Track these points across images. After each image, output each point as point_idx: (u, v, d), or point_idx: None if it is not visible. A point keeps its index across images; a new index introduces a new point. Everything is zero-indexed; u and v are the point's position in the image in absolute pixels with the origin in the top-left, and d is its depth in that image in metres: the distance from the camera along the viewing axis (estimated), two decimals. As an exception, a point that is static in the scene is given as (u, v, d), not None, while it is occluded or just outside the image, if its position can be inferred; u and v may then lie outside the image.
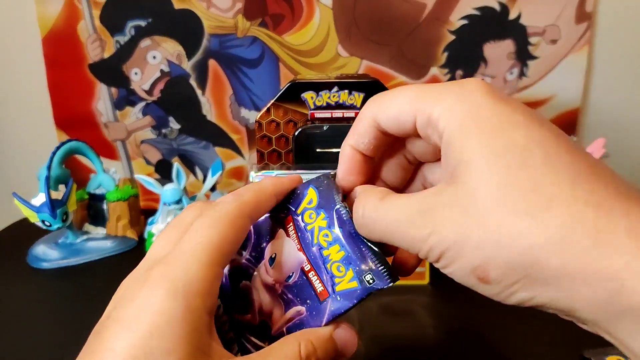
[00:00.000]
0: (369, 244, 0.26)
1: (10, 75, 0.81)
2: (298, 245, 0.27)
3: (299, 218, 0.28)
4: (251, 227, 0.29)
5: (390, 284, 0.25)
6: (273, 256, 0.28)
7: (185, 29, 0.76)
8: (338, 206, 0.27)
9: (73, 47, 0.77)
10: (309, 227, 0.27)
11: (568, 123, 0.77)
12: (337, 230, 0.26)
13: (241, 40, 0.76)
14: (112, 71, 0.78)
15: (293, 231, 0.28)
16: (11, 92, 0.82)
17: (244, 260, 0.29)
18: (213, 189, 0.71)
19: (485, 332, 0.46)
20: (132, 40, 0.77)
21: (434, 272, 0.52)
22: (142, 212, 0.71)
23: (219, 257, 0.24)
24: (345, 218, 0.26)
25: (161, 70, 0.78)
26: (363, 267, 0.26)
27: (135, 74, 0.78)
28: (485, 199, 0.20)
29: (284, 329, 0.27)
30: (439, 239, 0.21)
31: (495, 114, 0.21)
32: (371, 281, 0.25)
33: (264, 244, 0.29)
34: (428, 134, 0.24)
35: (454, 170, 0.21)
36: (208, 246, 0.24)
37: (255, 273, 0.29)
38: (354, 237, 0.26)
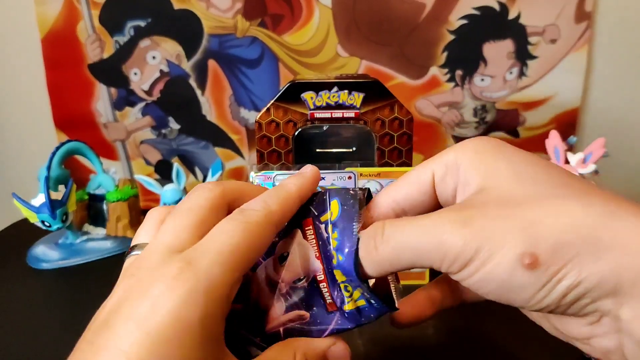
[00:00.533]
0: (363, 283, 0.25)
1: (10, 76, 0.81)
2: (317, 253, 0.26)
3: (322, 227, 0.27)
4: None
5: (395, 308, 0.26)
6: (285, 254, 0.27)
7: (185, 29, 0.76)
8: (353, 238, 0.25)
9: (72, 48, 0.77)
10: (332, 242, 0.26)
11: (568, 123, 0.77)
12: (342, 258, 0.25)
13: (241, 41, 0.76)
14: (111, 71, 0.78)
15: (313, 236, 0.27)
16: (11, 92, 0.82)
17: None
18: (213, 189, 0.71)
19: (485, 333, 0.46)
20: (131, 41, 0.77)
21: (434, 272, 0.52)
22: (142, 212, 0.71)
23: (243, 264, 0.24)
24: (352, 250, 0.25)
25: (161, 71, 0.78)
26: (366, 294, 0.25)
27: (135, 74, 0.78)
28: (524, 192, 0.22)
29: (281, 329, 0.26)
30: (474, 234, 0.21)
31: (498, 143, 0.25)
32: (377, 306, 0.25)
33: (276, 239, 0.28)
34: (446, 181, 0.25)
35: (481, 183, 0.23)
36: (234, 252, 0.23)
37: (261, 266, 0.28)
38: (354, 275, 0.25)
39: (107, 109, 0.80)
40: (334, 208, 0.26)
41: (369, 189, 0.28)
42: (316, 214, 0.27)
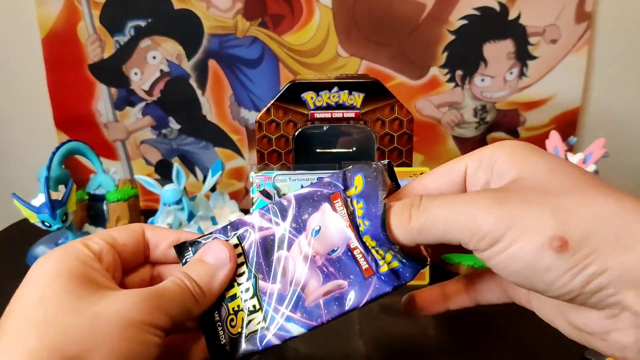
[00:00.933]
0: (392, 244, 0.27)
1: (10, 76, 0.81)
2: (347, 222, 0.28)
3: (349, 200, 0.28)
4: (293, 197, 0.30)
5: (428, 263, 0.27)
6: (317, 228, 0.28)
7: (185, 29, 0.76)
8: (379, 204, 0.27)
9: (73, 48, 0.77)
10: (357, 212, 0.28)
11: (568, 123, 0.77)
12: (369, 224, 0.27)
13: (241, 41, 0.76)
14: (111, 71, 0.78)
15: (342, 208, 0.28)
16: (11, 92, 0.82)
17: (283, 231, 0.29)
18: (213, 189, 0.71)
19: (486, 333, 0.46)
20: (131, 41, 0.77)
21: (434, 272, 0.52)
22: (142, 212, 0.71)
23: None
24: (378, 215, 0.27)
25: (161, 71, 0.78)
26: (397, 251, 0.27)
27: (135, 74, 0.78)
28: (559, 184, 0.22)
29: (321, 301, 0.27)
30: (507, 213, 0.22)
31: (533, 145, 0.26)
32: (409, 264, 0.27)
33: (306, 216, 0.29)
34: (478, 175, 0.26)
35: (517, 174, 0.24)
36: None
37: (295, 243, 0.29)
38: (382, 238, 0.27)
39: (107, 109, 0.80)
40: (358, 182, 0.28)
41: (389, 161, 0.30)
42: (343, 188, 0.29)
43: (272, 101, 0.52)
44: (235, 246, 0.30)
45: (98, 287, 0.25)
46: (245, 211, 0.67)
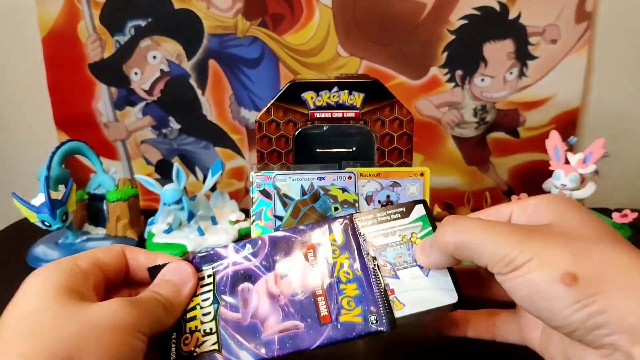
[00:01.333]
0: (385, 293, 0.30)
1: (10, 75, 0.81)
2: (318, 273, 0.30)
3: (325, 250, 0.31)
4: (267, 238, 0.32)
5: (389, 330, 0.29)
6: (287, 272, 0.31)
7: (185, 28, 0.76)
8: (364, 254, 0.31)
9: (73, 47, 0.77)
10: (333, 261, 0.31)
11: (568, 123, 0.77)
12: (360, 273, 0.30)
13: (241, 40, 0.76)
14: (112, 71, 0.78)
15: (314, 258, 0.31)
16: (11, 92, 0.82)
17: (252, 267, 0.31)
18: (213, 189, 0.71)
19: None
20: (132, 40, 0.77)
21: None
22: (142, 212, 0.71)
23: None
24: (368, 265, 0.30)
25: (161, 70, 0.78)
26: (372, 309, 0.29)
27: (135, 73, 0.78)
28: (585, 233, 0.26)
29: (276, 337, 0.29)
30: (532, 247, 0.25)
31: (571, 201, 0.29)
32: (374, 322, 0.28)
33: (277, 257, 0.31)
34: (520, 220, 0.30)
35: (552, 221, 0.27)
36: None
37: (262, 280, 0.31)
38: (371, 283, 0.30)
39: (107, 109, 0.80)
40: (337, 234, 0.32)
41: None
42: (318, 241, 0.32)
43: (272, 101, 0.52)
44: (209, 276, 0.32)
45: (85, 299, 0.27)
46: (245, 211, 0.67)
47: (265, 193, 0.49)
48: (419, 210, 0.33)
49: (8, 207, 0.62)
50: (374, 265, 0.31)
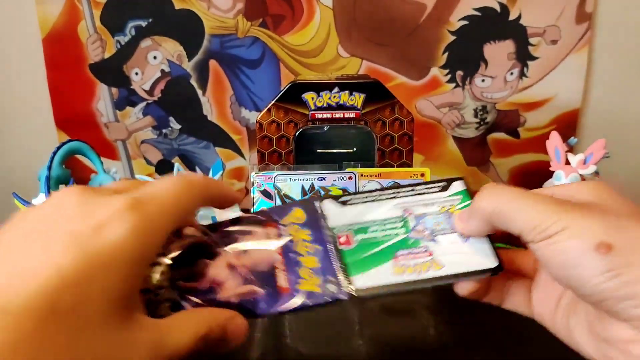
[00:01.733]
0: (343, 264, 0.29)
1: (11, 76, 0.81)
2: (279, 249, 0.30)
3: (284, 228, 0.32)
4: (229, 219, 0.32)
5: (348, 298, 0.28)
6: (246, 248, 0.30)
7: (186, 29, 0.76)
8: (325, 230, 0.31)
9: (73, 48, 0.77)
10: (292, 238, 0.31)
11: (568, 123, 0.77)
12: (319, 247, 0.30)
13: (242, 41, 0.76)
14: (112, 71, 0.78)
15: (275, 236, 0.31)
16: (12, 92, 0.82)
17: (210, 241, 0.30)
18: (213, 189, 0.71)
19: (486, 333, 0.46)
20: (132, 41, 0.77)
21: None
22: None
23: (181, 216, 0.25)
24: (329, 240, 0.31)
25: (162, 71, 0.78)
26: (330, 278, 0.29)
27: (136, 74, 0.78)
28: (622, 210, 0.26)
29: (233, 299, 0.28)
30: (569, 216, 0.25)
31: (611, 187, 0.29)
32: (334, 291, 0.28)
33: (237, 235, 0.31)
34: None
35: (592, 200, 0.28)
36: (177, 205, 0.25)
37: (222, 254, 0.30)
38: (330, 257, 0.30)
39: (108, 109, 0.80)
40: (299, 213, 0.32)
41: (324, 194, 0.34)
42: (277, 219, 0.32)
43: (273, 101, 0.52)
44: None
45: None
46: (246, 211, 0.67)
47: (265, 193, 0.49)
48: (458, 185, 0.33)
49: (8, 207, 0.62)
50: (335, 241, 0.31)
